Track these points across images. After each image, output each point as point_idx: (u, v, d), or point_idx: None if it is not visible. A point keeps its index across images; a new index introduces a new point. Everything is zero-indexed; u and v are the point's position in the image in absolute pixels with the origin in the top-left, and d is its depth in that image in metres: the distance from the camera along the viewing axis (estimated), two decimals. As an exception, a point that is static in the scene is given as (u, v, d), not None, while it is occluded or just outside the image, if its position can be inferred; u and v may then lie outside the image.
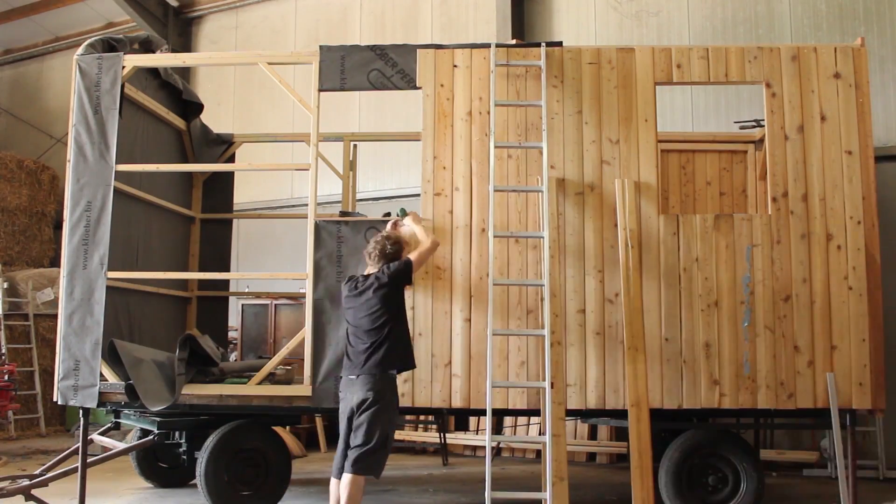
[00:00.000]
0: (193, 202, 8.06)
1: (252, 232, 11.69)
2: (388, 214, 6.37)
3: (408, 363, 5.16)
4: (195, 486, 6.37)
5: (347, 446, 4.93)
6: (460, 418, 8.99)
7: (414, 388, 5.79)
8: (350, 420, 4.94)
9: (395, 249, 5.17)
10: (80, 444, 6.01)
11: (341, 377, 5.15)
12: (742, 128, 8.38)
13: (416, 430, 9.47)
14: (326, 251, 5.95)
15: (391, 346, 4.97)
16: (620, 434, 8.38)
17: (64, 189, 6.27)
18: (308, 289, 5.96)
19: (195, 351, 6.07)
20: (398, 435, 9.41)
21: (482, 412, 5.75)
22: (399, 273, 5.06)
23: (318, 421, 9.48)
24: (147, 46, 6.90)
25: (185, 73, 12.34)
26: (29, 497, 5.88)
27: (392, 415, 4.99)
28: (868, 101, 5.85)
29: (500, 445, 8.97)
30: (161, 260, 7.24)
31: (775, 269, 5.73)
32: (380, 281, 5.03)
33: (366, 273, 5.20)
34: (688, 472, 5.80)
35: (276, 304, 10.00)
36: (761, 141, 7.37)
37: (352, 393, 4.95)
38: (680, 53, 5.98)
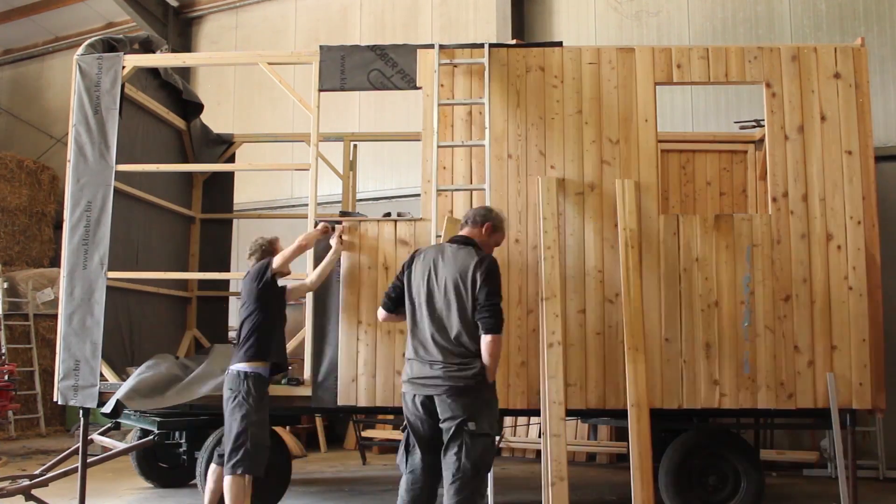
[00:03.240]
0: (193, 202, 8.06)
1: (252, 232, 11.63)
2: (388, 214, 6.37)
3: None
4: (195, 486, 6.37)
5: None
6: (460, 418, 8.98)
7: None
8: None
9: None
10: (80, 444, 6.01)
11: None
12: (742, 128, 8.38)
13: (416, 430, 9.46)
14: (327, 251, 5.95)
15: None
16: (620, 434, 8.38)
17: (64, 189, 6.27)
18: (308, 289, 5.96)
19: None
20: (398, 435, 9.41)
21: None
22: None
23: (319, 421, 9.48)
24: (147, 46, 6.90)
25: (185, 73, 12.34)
26: (29, 497, 5.87)
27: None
28: (868, 101, 5.85)
29: (501, 445, 8.96)
30: (161, 260, 7.25)
31: (775, 269, 5.73)
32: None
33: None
34: (688, 472, 5.80)
35: (276, 304, 9.97)
36: (761, 141, 7.37)
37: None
38: (680, 53, 5.98)
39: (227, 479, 5.01)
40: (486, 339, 4.12)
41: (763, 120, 6.30)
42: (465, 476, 4.00)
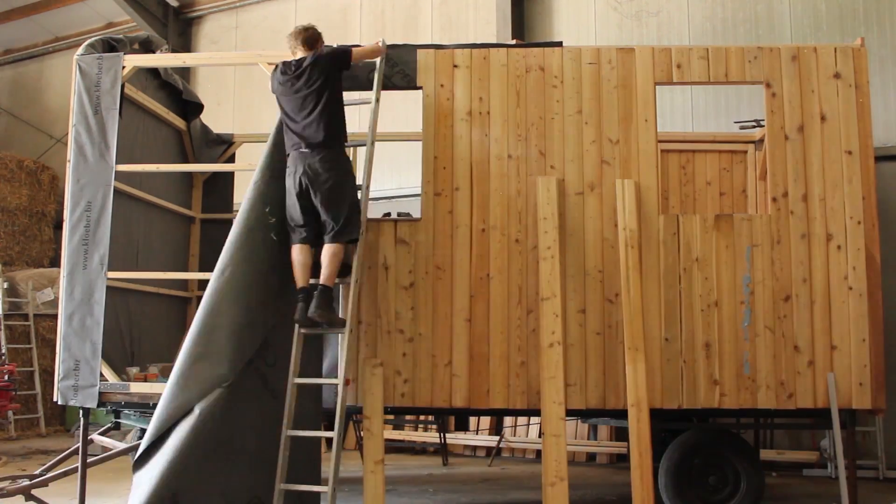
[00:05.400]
0: (193, 202, 8.06)
1: (252, 232, 11.66)
2: (388, 214, 6.37)
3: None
4: (195, 486, 6.35)
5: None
6: (460, 418, 8.99)
7: (414, 389, 5.79)
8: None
9: (311, 35, 5.60)
10: (80, 444, 6.01)
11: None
12: (742, 128, 8.38)
13: (416, 430, 9.47)
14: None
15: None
16: (620, 434, 8.38)
17: (64, 189, 6.27)
18: (308, 289, 5.94)
19: None
20: (399, 435, 9.42)
21: (483, 412, 5.77)
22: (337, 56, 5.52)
23: (318, 421, 9.46)
24: (147, 46, 6.90)
25: (185, 73, 12.33)
26: (29, 497, 5.87)
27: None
28: (868, 101, 5.86)
29: (501, 445, 8.97)
30: (161, 260, 7.24)
31: (775, 269, 5.73)
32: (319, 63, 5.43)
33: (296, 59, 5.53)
34: (688, 472, 5.80)
35: (276, 304, 9.97)
36: (761, 141, 7.37)
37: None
38: (680, 53, 5.98)
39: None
40: None
41: (763, 120, 6.31)
42: None
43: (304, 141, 5.36)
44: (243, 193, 5.64)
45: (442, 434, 8.88)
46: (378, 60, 5.94)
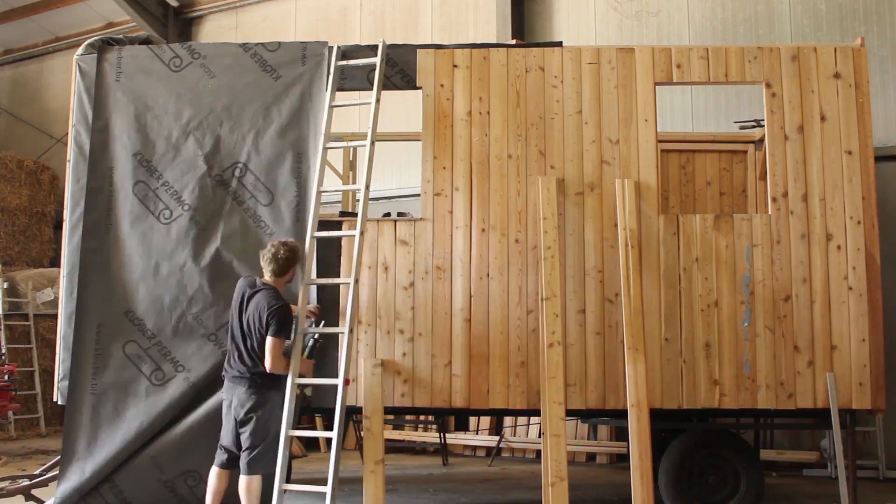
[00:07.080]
0: (193, 202, 8.04)
1: (252, 232, 11.65)
2: (388, 214, 6.37)
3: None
4: (195, 486, 6.35)
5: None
6: (460, 418, 8.99)
7: (414, 389, 5.79)
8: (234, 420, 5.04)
9: (286, 256, 5.14)
10: (80, 444, 6.00)
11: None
12: (742, 128, 8.38)
13: (416, 430, 9.47)
14: (326, 252, 5.95)
15: None
16: (620, 434, 8.38)
17: (64, 189, 6.27)
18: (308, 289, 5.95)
19: None
20: (399, 435, 9.42)
21: (483, 412, 5.77)
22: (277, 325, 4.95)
23: (318, 421, 9.48)
24: (147, 46, 6.89)
25: (185, 73, 12.32)
26: (29, 497, 5.88)
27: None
28: (868, 101, 5.86)
29: (501, 445, 8.97)
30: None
31: (775, 269, 5.74)
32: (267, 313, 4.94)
33: (262, 280, 5.17)
34: (688, 472, 5.80)
35: (276, 304, 9.96)
36: (761, 141, 7.37)
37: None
38: (680, 53, 5.99)
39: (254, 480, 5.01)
40: None
41: (763, 120, 6.31)
42: None
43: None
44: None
45: (442, 434, 8.88)
46: (378, 60, 5.93)
